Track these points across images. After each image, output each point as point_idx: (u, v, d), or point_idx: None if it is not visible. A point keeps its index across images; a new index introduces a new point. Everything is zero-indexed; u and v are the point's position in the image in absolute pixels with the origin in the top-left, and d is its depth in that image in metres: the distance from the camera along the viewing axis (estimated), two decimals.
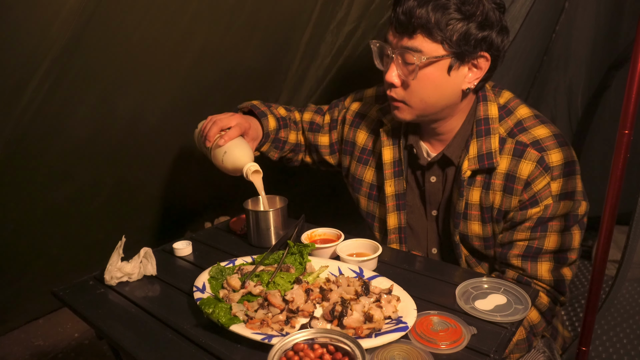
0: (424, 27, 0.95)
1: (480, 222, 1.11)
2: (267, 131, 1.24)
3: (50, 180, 1.38)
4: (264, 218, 1.10)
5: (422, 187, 1.19)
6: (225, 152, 1.07)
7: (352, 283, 0.88)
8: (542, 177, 1.03)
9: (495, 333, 0.79)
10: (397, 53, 1.00)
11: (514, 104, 1.11)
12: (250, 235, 1.14)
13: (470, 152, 1.07)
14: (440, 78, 1.00)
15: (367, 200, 1.29)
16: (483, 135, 1.07)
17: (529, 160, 1.03)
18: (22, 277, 1.65)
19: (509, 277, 1.10)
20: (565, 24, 1.90)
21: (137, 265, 1.00)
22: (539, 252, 1.06)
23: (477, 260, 1.18)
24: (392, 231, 1.21)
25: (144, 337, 0.81)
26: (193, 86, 1.39)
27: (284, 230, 1.12)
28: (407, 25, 0.96)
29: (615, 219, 0.88)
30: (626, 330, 1.58)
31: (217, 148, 1.09)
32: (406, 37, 0.98)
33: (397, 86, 1.04)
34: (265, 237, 1.12)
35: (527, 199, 1.04)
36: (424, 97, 1.03)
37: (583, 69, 2.04)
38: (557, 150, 1.03)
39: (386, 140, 1.19)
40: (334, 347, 0.69)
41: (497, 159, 1.05)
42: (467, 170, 1.07)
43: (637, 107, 0.81)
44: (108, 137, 1.36)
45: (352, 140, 1.29)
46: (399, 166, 1.18)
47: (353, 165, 1.29)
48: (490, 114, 1.08)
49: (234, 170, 1.08)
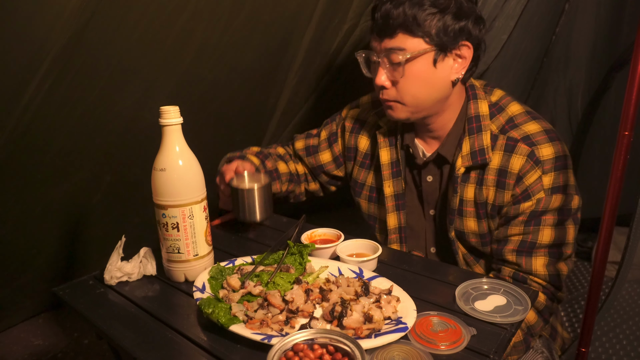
0: (403, 25, 1.00)
1: (476, 219, 1.13)
2: (255, 167, 1.26)
3: (50, 178, 1.39)
4: (249, 195, 1.13)
5: (420, 187, 1.21)
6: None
7: (351, 283, 0.88)
8: (533, 171, 1.04)
9: (495, 334, 0.79)
10: (383, 56, 1.04)
11: (505, 101, 1.13)
12: (238, 211, 1.16)
13: (464, 149, 1.10)
14: (427, 72, 1.04)
15: (367, 203, 1.31)
16: (475, 133, 1.09)
17: (520, 154, 1.05)
18: (22, 275, 1.65)
19: (505, 274, 1.11)
20: (566, 25, 1.91)
21: (137, 265, 1.00)
22: (533, 246, 1.07)
23: (475, 258, 1.19)
24: (393, 231, 1.23)
25: (143, 337, 0.81)
26: (192, 84, 1.39)
27: (269, 206, 1.16)
28: (387, 27, 1.01)
29: (615, 220, 0.88)
30: (626, 332, 1.58)
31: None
32: (387, 39, 1.03)
33: (388, 87, 1.07)
34: (251, 212, 1.15)
35: (519, 193, 1.06)
36: (414, 92, 1.06)
37: (583, 70, 2.04)
38: (547, 144, 1.05)
39: (383, 141, 1.21)
40: (334, 347, 0.69)
41: (490, 154, 1.07)
42: (460, 167, 1.10)
43: (637, 108, 0.81)
44: (107, 134, 1.37)
45: (354, 146, 1.31)
46: (396, 166, 1.20)
47: (355, 170, 1.32)
48: (481, 112, 1.11)
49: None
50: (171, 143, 0.92)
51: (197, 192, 0.94)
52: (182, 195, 0.92)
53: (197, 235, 0.96)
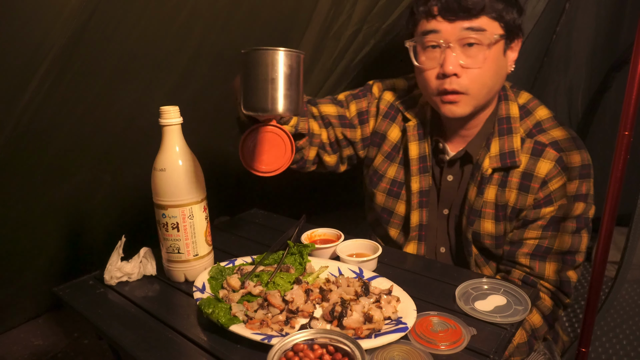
0: (489, 5, 0.95)
1: (494, 221, 1.10)
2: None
3: (50, 178, 1.39)
4: (272, 60, 0.74)
5: (439, 186, 1.18)
6: None
7: (351, 283, 0.88)
8: (560, 177, 1.03)
9: (495, 334, 0.79)
10: (456, 38, 0.97)
11: (534, 104, 1.11)
12: (248, 94, 0.75)
13: (492, 150, 1.08)
14: (500, 60, 1.01)
15: (385, 196, 1.23)
16: (505, 134, 1.07)
17: (548, 159, 1.04)
18: (22, 275, 1.65)
19: (515, 277, 1.10)
20: (566, 25, 1.91)
21: (137, 265, 1.00)
22: (548, 251, 1.06)
23: (485, 259, 1.17)
24: (414, 229, 1.18)
25: (143, 337, 0.81)
26: (190, 82, 1.39)
27: (299, 92, 0.76)
28: (468, 6, 0.95)
29: (615, 220, 0.88)
30: (626, 332, 1.58)
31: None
32: (466, 20, 0.96)
33: (460, 76, 0.99)
34: (274, 94, 0.72)
35: (542, 197, 1.05)
36: (487, 81, 1.01)
37: (583, 70, 2.04)
38: (575, 152, 1.04)
39: (412, 135, 1.16)
40: (334, 347, 0.69)
41: (520, 157, 1.05)
42: (488, 168, 1.07)
43: (637, 108, 0.81)
44: (106, 133, 1.37)
45: (383, 133, 1.21)
46: (424, 162, 1.16)
47: (378, 158, 1.23)
48: (512, 113, 1.09)
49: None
50: (171, 143, 0.92)
51: (197, 192, 0.94)
52: (182, 195, 0.92)
53: (197, 235, 0.96)
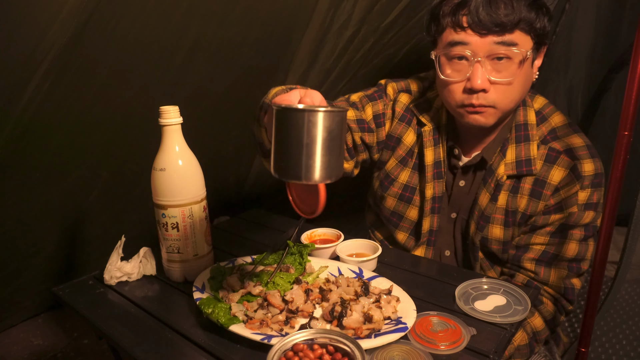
0: (524, 20, 0.91)
1: (503, 226, 1.09)
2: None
3: (48, 176, 1.39)
4: (311, 123, 0.59)
5: (450, 191, 1.16)
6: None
7: (351, 283, 0.88)
8: (573, 185, 1.02)
9: (495, 334, 0.79)
10: (485, 53, 0.94)
11: (549, 110, 1.09)
12: (279, 157, 0.63)
13: (508, 156, 1.06)
14: (528, 72, 0.98)
15: (395, 201, 1.21)
16: (522, 141, 1.06)
17: (562, 166, 1.03)
18: (21, 275, 1.65)
19: (519, 281, 1.09)
20: (566, 25, 1.91)
21: (137, 264, 1.00)
22: (554, 258, 1.06)
23: (490, 263, 1.16)
24: (425, 234, 1.17)
25: (143, 337, 0.81)
26: (187, 79, 1.39)
27: (340, 157, 0.64)
28: (504, 22, 0.91)
29: (614, 220, 0.88)
30: (625, 332, 1.58)
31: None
32: (501, 35, 0.92)
33: (488, 91, 0.96)
34: (310, 160, 0.61)
35: (553, 204, 1.04)
36: (515, 96, 0.98)
37: (583, 70, 2.04)
38: (589, 160, 1.03)
39: (428, 141, 1.13)
40: (334, 347, 0.69)
41: (536, 166, 1.04)
42: (503, 175, 1.06)
43: (637, 108, 0.81)
44: (104, 131, 1.37)
45: (399, 137, 1.18)
46: (439, 168, 1.14)
47: (392, 162, 1.20)
48: (530, 120, 1.07)
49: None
50: (171, 143, 0.92)
51: (197, 192, 0.94)
52: (182, 195, 0.92)
53: (196, 235, 0.96)
